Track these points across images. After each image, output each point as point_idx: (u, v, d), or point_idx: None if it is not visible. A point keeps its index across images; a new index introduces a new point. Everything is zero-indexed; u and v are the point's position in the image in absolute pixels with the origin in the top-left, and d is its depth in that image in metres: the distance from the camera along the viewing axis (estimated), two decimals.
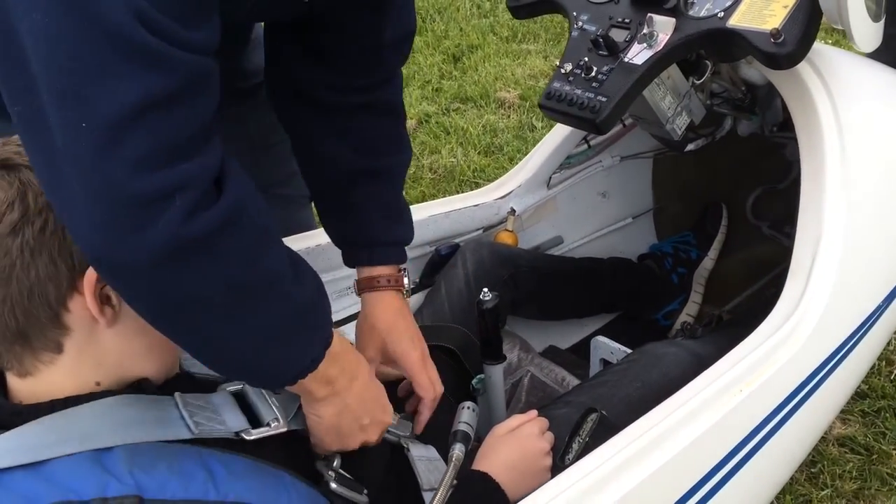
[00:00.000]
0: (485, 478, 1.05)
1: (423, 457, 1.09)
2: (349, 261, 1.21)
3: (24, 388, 0.83)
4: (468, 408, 1.14)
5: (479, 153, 2.94)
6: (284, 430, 0.91)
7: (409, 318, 1.19)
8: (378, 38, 1.12)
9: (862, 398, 1.89)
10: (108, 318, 0.81)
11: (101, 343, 0.83)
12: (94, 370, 0.83)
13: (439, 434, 1.15)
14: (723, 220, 1.88)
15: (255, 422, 0.91)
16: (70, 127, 0.67)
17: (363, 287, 1.18)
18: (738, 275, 1.82)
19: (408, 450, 1.09)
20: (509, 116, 3.14)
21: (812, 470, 1.74)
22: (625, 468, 0.97)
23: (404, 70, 3.62)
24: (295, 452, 0.94)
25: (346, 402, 0.95)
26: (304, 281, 0.87)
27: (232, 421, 0.88)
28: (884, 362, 1.96)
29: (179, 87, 0.70)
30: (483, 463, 1.08)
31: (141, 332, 0.84)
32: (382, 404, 1.02)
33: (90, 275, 0.78)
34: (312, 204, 1.46)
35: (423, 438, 1.15)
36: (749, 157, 1.82)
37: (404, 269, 1.21)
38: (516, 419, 1.15)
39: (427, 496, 1.02)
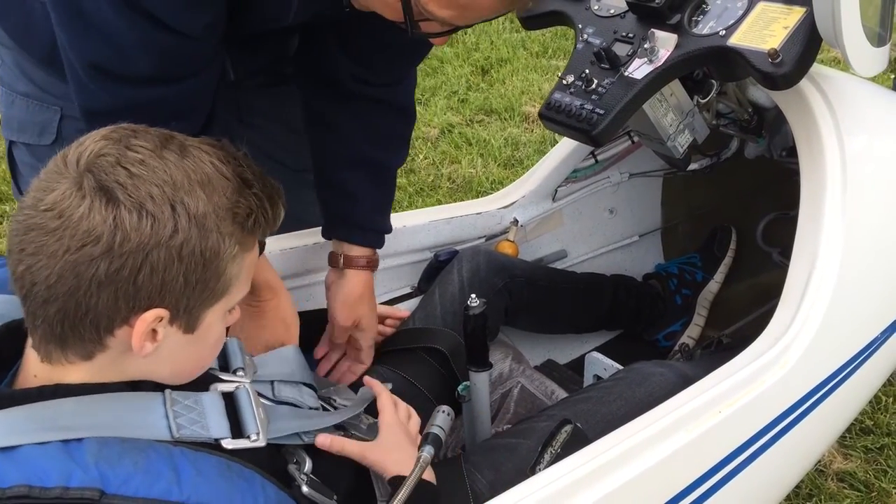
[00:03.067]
0: (427, 486, 1.03)
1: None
2: (333, 235, 1.38)
3: (40, 368, 0.84)
4: (443, 412, 1.14)
5: (498, 165, 2.94)
6: (262, 445, 0.91)
7: (374, 293, 1.42)
8: (403, 39, 1.19)
9: (866, 434, 1.85)
10: (146, 352, 0.83)
11: (131, 361, 0.85)
12: (113, 375, 0.85)
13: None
14: (731, 244, 1.85)
15: (238, 428, 0.91)
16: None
17: (345, 263, 1.36)
18: (744, 300, 1.79)
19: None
20: (532, 131, 3.14)
21: (808, 503, 1.71)
22: (590, 480, 0.96)
23: (431, 80, 3.66)
24: (268, 455, 0.94)
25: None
26: None
27: (215, 427, 0.88)
28: (891, 399, 1.92)
29: None
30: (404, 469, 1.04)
31: (171, 360, 0.87)
32: None
33: (148, 316, 0.80)
34: None
35: None
36: (762, 181, 1.80)
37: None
38: (387, 411, 1.13)
39: None
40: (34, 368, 0.84)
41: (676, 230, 1.97)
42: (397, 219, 1.57)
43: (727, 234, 1.86)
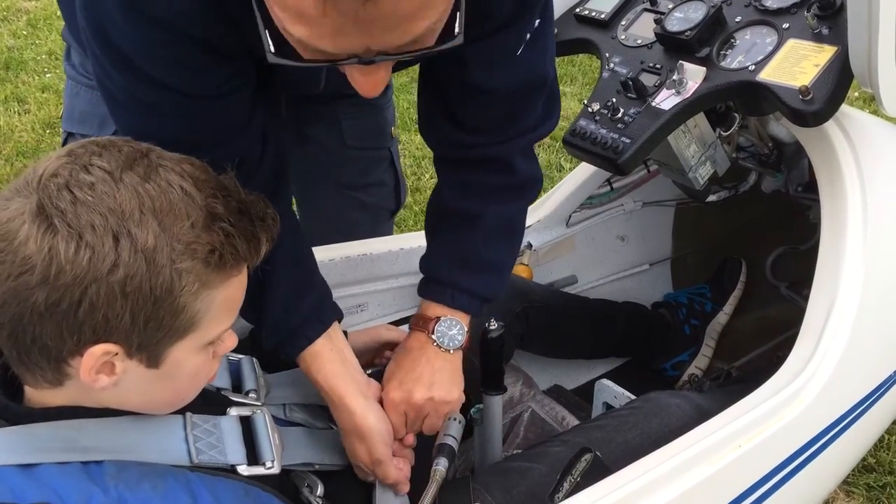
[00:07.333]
0: None
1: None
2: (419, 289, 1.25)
3: (33, 395, 0.83)
4: (455, 419, 1.12)
5: None
6: (277, 472, 0.90)
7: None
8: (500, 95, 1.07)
9: (869, 471, 1.85)
10: (103, 385, 0.79)
11: (100, 392, 0.81)
12: (95, 402, 0.83)
13: (423, 449, 1.14)
14: (741, 276, 1.86)
15: (254, 453, 0.91)
16: None
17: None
18: (752, 332, 1.80)
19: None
20: (538, 155, 3.14)
21: None
22: None
23: None
24: (282, 479, 0.94)
25: None
26: None
27: (232, 453, 0.88)
28: (894, 438, 1.92)
29: None
30: None
31: (138, 392, 0.83)
32: None
33: (96, 351, 0.75)
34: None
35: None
36: (773, 215, 1.81)
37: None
38: None
39: None
40: (27, 391, 0.84)
41: (686, 260, 1.98)
42: (406, 239, 1.56)
43: (737, 265, 1.87)
